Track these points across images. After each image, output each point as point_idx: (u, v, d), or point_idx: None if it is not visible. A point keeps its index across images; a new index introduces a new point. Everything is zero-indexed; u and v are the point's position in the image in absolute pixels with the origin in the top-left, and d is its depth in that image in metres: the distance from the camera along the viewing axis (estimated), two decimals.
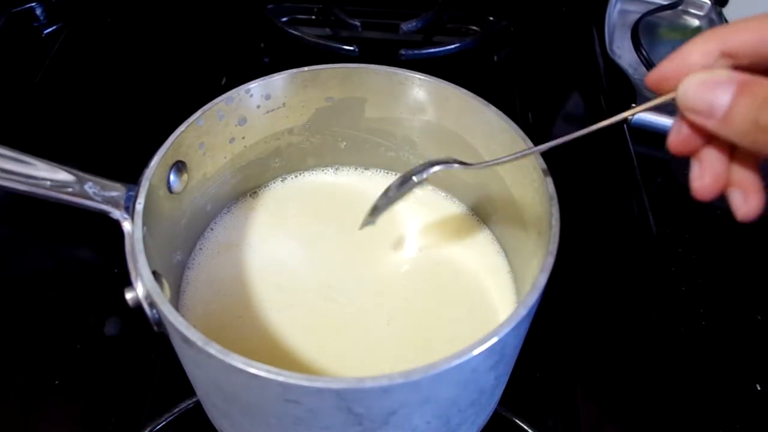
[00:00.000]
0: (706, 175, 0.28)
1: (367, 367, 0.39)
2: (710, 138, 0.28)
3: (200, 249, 0.45)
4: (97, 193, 0.34)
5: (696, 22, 0.76)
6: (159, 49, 0.75)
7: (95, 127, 0.65)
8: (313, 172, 0.50)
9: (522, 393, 0.45)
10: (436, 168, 0.37)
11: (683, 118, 0.28)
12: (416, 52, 0.70)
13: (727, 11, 0.75)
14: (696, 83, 0.27)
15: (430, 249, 0.46)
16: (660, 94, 0.29)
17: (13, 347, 0.48)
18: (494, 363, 0.32)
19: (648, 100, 0.30)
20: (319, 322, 0.41)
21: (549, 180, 0.36)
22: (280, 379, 0.27)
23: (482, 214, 0.47)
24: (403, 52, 0.70)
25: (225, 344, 0.28)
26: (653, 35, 0.74)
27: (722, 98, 0.26)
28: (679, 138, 0.29)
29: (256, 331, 0.40)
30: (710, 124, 0.26)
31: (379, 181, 0.50)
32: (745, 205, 0.28)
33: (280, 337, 0.40)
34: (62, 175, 0.34)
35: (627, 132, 0.63)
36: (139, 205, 0.34)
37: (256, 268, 0.44)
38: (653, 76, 0.29)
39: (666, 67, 0.28)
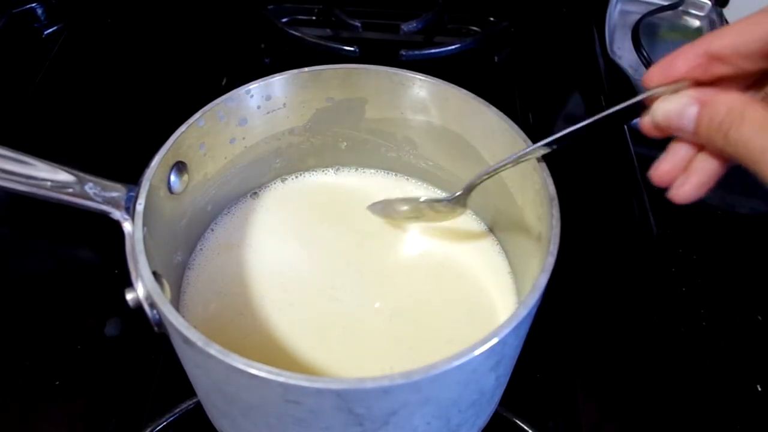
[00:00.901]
0: (665, 163, 0.32)
1: (368, 367, 0.39)
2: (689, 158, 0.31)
3: (201, 249, 0.45)
4: (97, 193, 0.34)
5: (696, 23, 0.76)
6: (159, 49, 0.75)
7: (96, 127, 0.65)
8: (314, 172, 0.50)
9: (522, 394, 0.45)
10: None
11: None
12: (417, 52, 0.70)
13: (727, 12, 0.75)
14: (662, 113, 0.30)
15: (431, 249, 0.46)
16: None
17: (14, 347, 0.48)
18: (495, 363, 0.32)
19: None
20: (319, 321, 0.41)
21: (549, 181, 0.36)
22: (281, 379, 0.27)
23: (483, 214, 0.47)
24: (403, 52, 0.70)
25: (225, 345, 0.28)
26: (654, 36, 0.74)
27: (688, 119, 0.29)
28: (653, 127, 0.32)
29: (257, 331, 0.40)
30: (686, 136, 0.30)
31: (380, 182, 0.50)
32: (679, 188, 0.31)
33: (281, 337, 0.40)
34: (63, 175, 0.34)
35: (627, 133, 0.63)
36: (140, 206, 0.34)
37: (257, 269, 0.44)
38: (650, 77, 0.31)
39: (656, 70, 0.31)
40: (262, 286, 0.43)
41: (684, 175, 0.31)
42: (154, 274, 0.33)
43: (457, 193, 0.41)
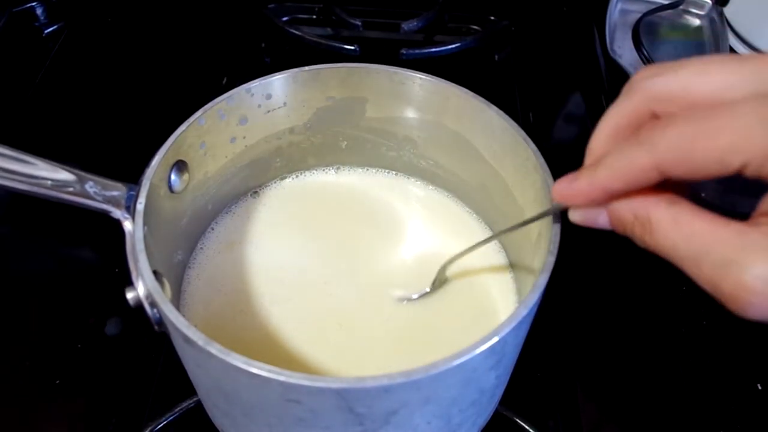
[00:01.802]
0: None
1: (368, 366, 0.39)
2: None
3: (201, 248, 0.45)
4: (98, 192, 0.34)
5: (697, 22, 0.76)
6: (159, 48, 0.75)
7: (96, 126, 0.65)
8: (314, 171, 0.50)
9: (523, 393, 0.45)
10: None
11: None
12: (417, 51, 0.70)
13: (727, 11, 0.75)
14: (576, 220, 0.30)
15: (431, 249, 0.46)
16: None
17: (14, 347, 0.48)
18: (495, 363, 0.32)
19: None
20: (320, 319, 0.41)
21: (550, 180, 0.36)
22: (281, 378, 0.27)
23: (483, 214, 0.47)
24: (404, 51, 0.70)
25: (226, 343, 0.28)
26: (654, 35, 0.74)
27: (603, 224, 0.29)
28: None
29: (258, 330, 0.40)
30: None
31: (380, 181, 0.50)
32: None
33: (282, 335, 0.40)
34: (63, 174, 0.34)
35: None
36: (140, 205, 0.34)
37: (257, 268, 0.44)
38: (554, 194, 0.30)
39: (558, 190, 0.30)
40: (262, 285, 0.43)
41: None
42: (155, 273, 0.32)
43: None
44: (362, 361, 0.39)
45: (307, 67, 0.43)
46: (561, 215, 0.35)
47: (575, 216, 0.30)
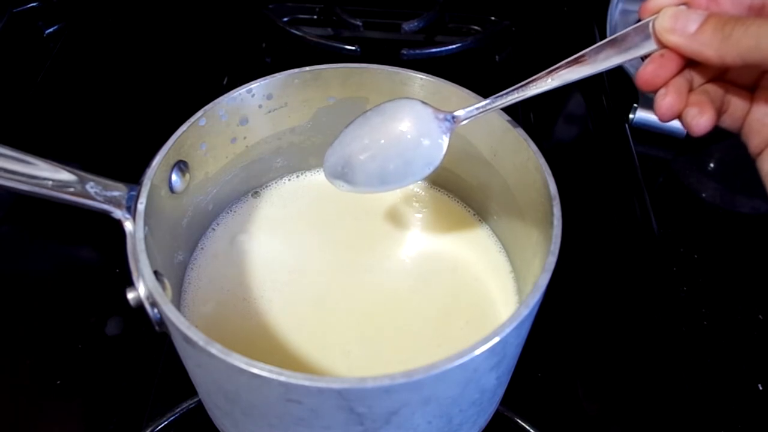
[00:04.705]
0: (670, 93, 0.33)
1: (368, 365, 0.39)
2: (675, 71, 0.33)
3: (202, 249, 0.45)
4: (98, 192, 0.34)
5: None
6: (160, 49, 0.75)
7: (97, 126, 0.65)
8: (315, 171, 0.50)
9: (524, 393, 0.45)
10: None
11: (658, 43, 0.33)
12: (418, 51, 0.70)
13: None
14: (672, 12, 0.32)
15: (433, 249, 0.46)
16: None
17: (15, 347, 0.48)
18: (496, 363, 0.32)
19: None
20: (319, 320, 0.41)
21: (551, 180, 0.36)
22: (282, 378, 0.27)
23: (484, 214, 0.47)
24: (404, 51, 0.70)
25: (226, 344, 0.28)
26: None
27: (693, 22, 0.31)
28: (647, 72, 0.33)
29: (258, 331, 0.40)
30: (681, 41, 0.32)
31: None
32: (699, 118, 0.32)
33: (281, 336, 0.40)
34: (64, 174, 0.34)
35: (629, 132, 0.63)
36: (141, 205, 0.34)
37: (258, 268, 0.44)
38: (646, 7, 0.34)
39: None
40: (263, 285, 0.43)
41: (694, 109, 0.33)
42: (155, 273, 0.33)
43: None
44: (363, 362, 0.39)
45: (307, 68, 0.43)
46: (562, 214, 0.35)
47: (669, 11, 0.32)
